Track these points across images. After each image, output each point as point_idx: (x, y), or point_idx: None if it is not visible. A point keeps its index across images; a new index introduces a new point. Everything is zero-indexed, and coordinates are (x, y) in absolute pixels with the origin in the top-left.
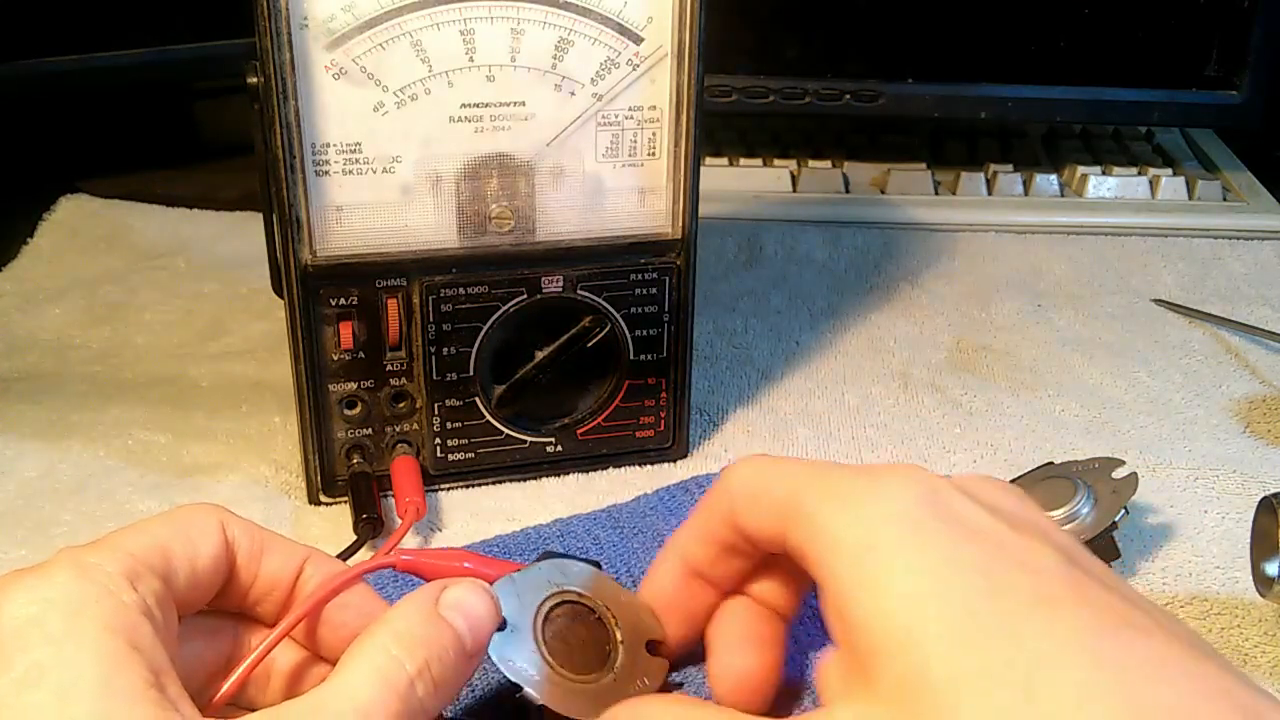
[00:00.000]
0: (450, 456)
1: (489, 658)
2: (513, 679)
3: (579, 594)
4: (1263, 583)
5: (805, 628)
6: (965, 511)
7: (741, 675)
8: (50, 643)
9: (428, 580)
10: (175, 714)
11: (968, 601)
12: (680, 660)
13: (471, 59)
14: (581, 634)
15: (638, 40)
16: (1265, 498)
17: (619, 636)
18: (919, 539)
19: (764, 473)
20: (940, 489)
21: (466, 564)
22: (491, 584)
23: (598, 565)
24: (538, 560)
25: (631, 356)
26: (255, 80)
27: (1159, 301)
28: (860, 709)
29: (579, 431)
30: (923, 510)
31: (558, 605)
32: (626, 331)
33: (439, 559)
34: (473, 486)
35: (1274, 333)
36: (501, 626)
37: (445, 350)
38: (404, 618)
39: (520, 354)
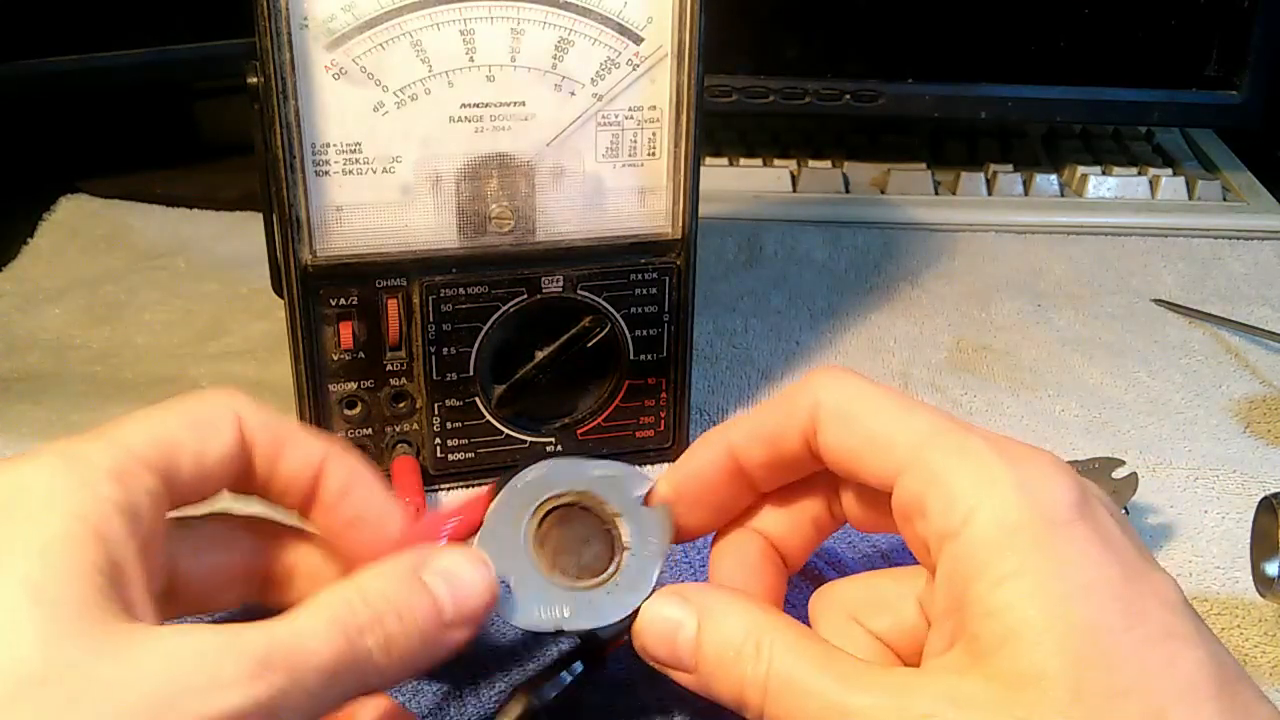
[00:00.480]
0: (450, 456)
1: (515, 628)
2: (547, 630)
3: (552, 497)
4: (1263, 583)
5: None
6: (1107, 524)
7: None
8: (9, 520)
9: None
10: (118, 606)
11: (1104, 619)
12: None
13: (471, 59)
14: (579, 532)
15: (638, 40)
16: (1265, 498)
17: (612, 510)
18: (1065, 543)
19: (864, 399)
20: (1088, 492)
21: (448, 525)
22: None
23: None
24: (493, 496)
25: (631, 356)
26: (255, 80)
27: (1159, 301)
28: (964, 685)
29: (579, 431)
30: (1072, 513)
31: (540, 521)
32: (626, 331)
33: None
34: (473, 486)
35: (1274, 333)
36: (504, 592)
37: (445, 350)
38: (378, 576)
39: (520, 354)
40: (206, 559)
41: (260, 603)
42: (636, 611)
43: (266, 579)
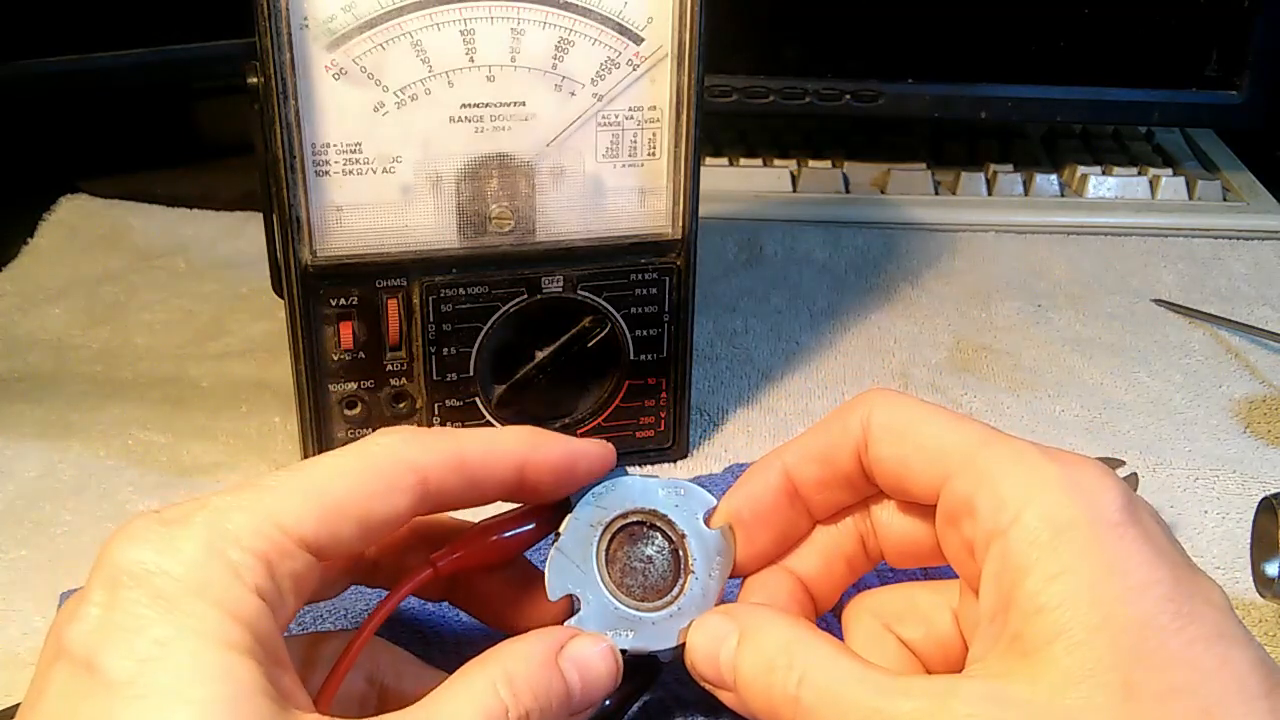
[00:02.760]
0: None
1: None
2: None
3: (620, 515)
4: (1263, 583)
5: None
6: (1155, 529)
7: None
8: (173, 623)
9: (474, 566)
10: (285, 711)
11: (1156, 619)
12: None
13: (472, 59)
14: (646, 552)
15: (638, 40)
16: (1265, 498)
17: (680, 530)
18: (1116, 543)
19: (915, 412)
20: (1134, 498)
21: (505, 534)
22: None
23: (620, 469)
24: (563, 518)
25: (632, 356)
26: (255, 80)
27: (1159, 301)
28: (1008, 687)
29: (579, 432)
30: (1122, 515)
31: (609, 543)
32: (627, 331)
33: (471, 544)
34: None
35: (1274, 333)
36: (576, 609)
37: (445, 350)
38: (520, 659)
39: (520, 354)
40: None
41: (365, 584)
42: None
43: (374, 565)
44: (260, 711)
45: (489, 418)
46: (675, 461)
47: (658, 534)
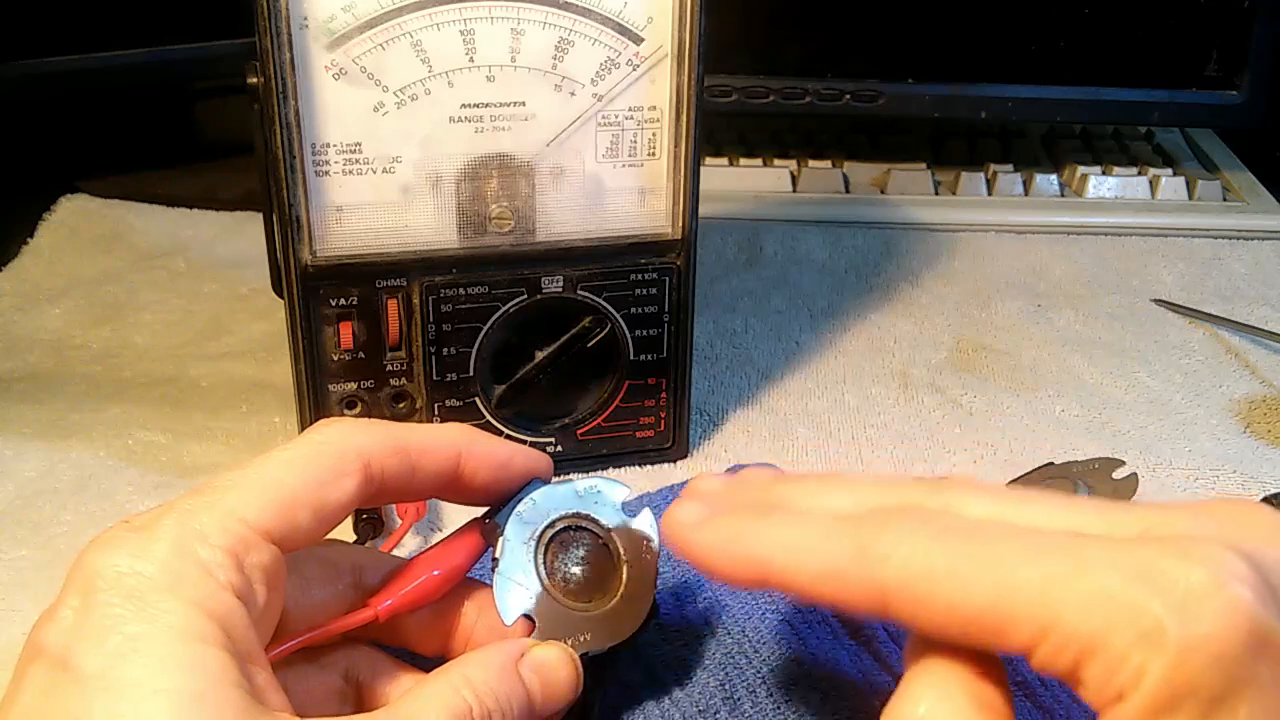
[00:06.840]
0: None
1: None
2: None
3: (546, 526)
4: None
5: None
6: None
7: None
8: (145, 619)
9: (413, 604)
10: (257, 705)
11: None
12: None
13: (471, 59)
14: (581, 554)
15: (638, 40)
16: (1265, 498)
17: (605, 523)
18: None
19: (942, 554)
20: (1262, 618)
21: (436, 571)
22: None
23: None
24: (493, 535)
25: (631, 356)
26: (255, 80)
27: (1159, 301)
28: None
29: (579, 432)
30: (1238, 673)
31: (544, 555)
32: (626, 331)
33: (410, 581)
34: None
35: (1274, 333)
36: (533, 628)
37: (445, 350)
38: (481, 665)
39: (520, 354)
40: (315, 594)
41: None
42: (649, 619)
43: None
44: (231, 702)
45: (489, 418)
46: (675, 461)
47: (585, 534)
